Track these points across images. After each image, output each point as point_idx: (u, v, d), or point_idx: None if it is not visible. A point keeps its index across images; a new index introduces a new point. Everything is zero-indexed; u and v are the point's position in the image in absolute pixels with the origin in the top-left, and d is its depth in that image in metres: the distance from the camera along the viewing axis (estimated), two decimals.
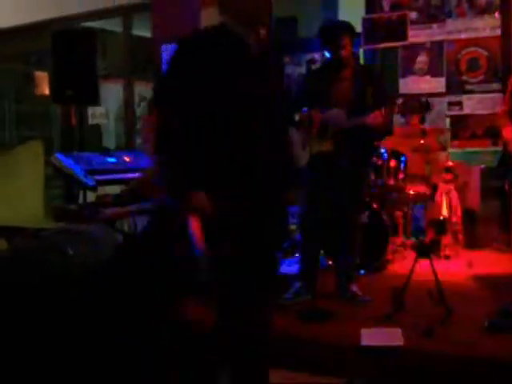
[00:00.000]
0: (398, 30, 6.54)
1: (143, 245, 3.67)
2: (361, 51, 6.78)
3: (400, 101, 6.35)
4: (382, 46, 6.71)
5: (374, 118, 4.00)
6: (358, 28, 6.57)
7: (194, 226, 2.53)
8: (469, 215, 5.85)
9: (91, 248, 2.97)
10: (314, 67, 4.21)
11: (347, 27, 4.24)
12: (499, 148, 5.84)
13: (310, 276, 4.30)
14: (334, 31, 4.23)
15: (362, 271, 4.84)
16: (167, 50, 6.43)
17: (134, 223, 5.14)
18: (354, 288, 4.27)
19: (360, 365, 3.29)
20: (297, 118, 4.28)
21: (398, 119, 6.10)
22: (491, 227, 6.19)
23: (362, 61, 6.79)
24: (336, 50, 4.17)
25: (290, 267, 5.40)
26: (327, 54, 4.27)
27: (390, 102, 4.24)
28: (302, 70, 6.65)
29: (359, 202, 4.48)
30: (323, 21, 4.56)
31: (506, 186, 4.22)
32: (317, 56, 6.22)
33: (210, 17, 6.34)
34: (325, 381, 3.27)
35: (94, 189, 4.66)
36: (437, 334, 3.45)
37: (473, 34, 6.23)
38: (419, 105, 5.80)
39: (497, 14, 6.13)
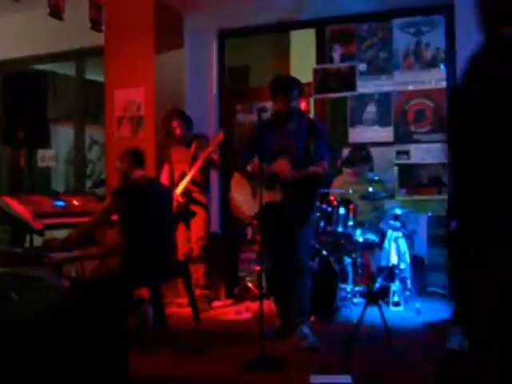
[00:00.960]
0: (347, 80, 6.70)
1: (90, 291, 3.60)
2: (311, 100, 6.92)
3: (346, 152, 6.47)
4: (332, 95, 6.86)
5: (317, 169, 4.22)
6: (309, 78, 6.74)
7: None
8: (417, 262, 5.94)
9: (37, 293, 2.90)
10: (263, 117, 4.33)
11: (296, 81, 4.52)
12: (444, 197, 6.01)
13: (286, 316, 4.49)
14: (284, 85, 4.45)
15: (312, 318, 4.84)
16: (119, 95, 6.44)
17: (82, 268, 5.05)
18: (305, 330, 4.31)
19: None
20: (248, 168, 4.37)
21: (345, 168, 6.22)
22: (439, 274, 6.30)
23: (312, 110, 6.92)
24: (285, 102, 4.39)
25: (239, 314, 5.38)
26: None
27: (328, 155, 4.45)
28: (254, 117, 6.73)
29: (309, 248, 4.59)
30: (275, 72, 4.73)
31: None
32: (267, 105, 6.34)
33: (163, 62, 6.40)
34: None
35: (41, 232, 4.58)
36: (386, 381, 3.45)
37: (419, 86, 6.44)
38: (361, 157, 5.92)
39: (442, 67, 6.36)
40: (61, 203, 5.00)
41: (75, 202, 5.10)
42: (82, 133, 7.60)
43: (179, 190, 5.56)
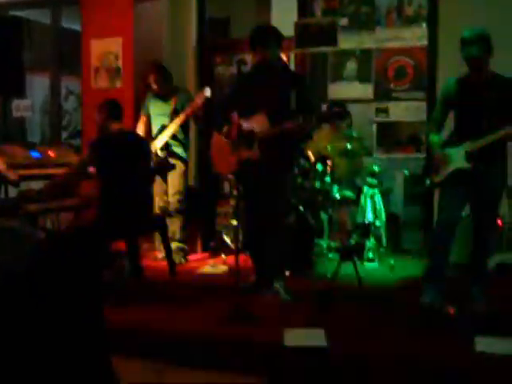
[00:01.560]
0: (328, 35, 6.63)
1: (67, 243, 3.59)
2: (292, 55, 6.85)
3: (324, 108, 6.44)
4: (313, 51, 6.80)
5: (292, 125, 4.13)
6: (290, 32, 6.66)
7: None
8: (392, 220, 5.99)
9: (11, 245, 2.88)
10: (244, 70, 4.28)
11: (275, 31, 4.37)
12: (422, 155, 6.03)
13: (263, 272, 4.47)
14: (262, 34, 4.33)
15: (287, 272, 4.88)
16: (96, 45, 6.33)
17: (57, 219, 5.03)
18: (278, 286, 4.34)
19: (283, 364, 3.31)
20: (225, 128, 4.32)
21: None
22: (413, 232, 6.37)
23: (292, 65, 6.85)
24: (263, 53, 4.28)
25: (215, 268, 5.41)
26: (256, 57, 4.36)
27: (311, 109, 4.35)
28: (234, 69, 6.66)
29: (285, 204, 4.57)
30: (256, 24, 4.61)
31: (428, 182, 4.25)
32: (247, 57, 6.26)
33: (142, 13, 6.27)
34: (247, 380, 3.28)
35: (16, 184, 4.53)
36: (359, 335, 3.51)
37: (401, 44, 6.39)
38: (337, 112, 5.89)
39: (424, 25, 6.31)
40: (36, 154, 4.95)
41: (51, 154, 5.05)
42: (58, 83, 7.46)
43: (159, 143, 5.52)
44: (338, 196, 5.43)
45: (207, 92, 5.37)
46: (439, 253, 4.13)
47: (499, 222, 5.19)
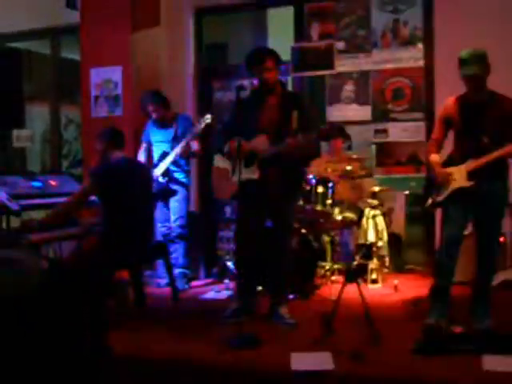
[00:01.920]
0: (325, 59, 6.68)
1: (69, 271, 3.58)
2: (290, 79, 6.89)
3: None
4: (310, 74, 6.84)
5: (291, 142, 4.10)
6: (287, 56, 6.71)
7: None
8: (394, 240, 5.98)
9: (14, 274, 2.87)
10: (242, 95, 4.29)
11: (270, 51, 4.37)
12: (422, 174, 6.03)
13: (247, 297, 4.38)
14: (258, 55, 4.32)
15: (291, 296, 4.87)
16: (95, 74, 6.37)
17: (60, 248, 5.03)
18: (283, 311, 4.31)
19: None
20: (226, 148, 4.32)
21: (323, 146, 6.20)
22: (416, 251, 6.37)
23: (290, 88, 6.89)
24: (260, 74, 4.26)
25: (218, 293, 5.39)
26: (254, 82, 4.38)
27: (315, 127, 4.29)
28: (232, 95, 6.69)
29: (289, 227, 4.51)
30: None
31: (430, 201, 4.27)
32: (246, 82, 6.29)
33: (140, 40, 6.32)
34: None
35: (17, 214, 4.53)
36: (366, 357, 3.48)
37: (397, 65, 6.44)
38: (334, 130, 5.89)
39: (420, 46, 6.36)
40: (37, 184, 4.96)
41: (52, 183, 5.06)
42: (58, 112, 7.51)
43: (160, 170, 5.53)
44: (339, 218, 5.43)
45: (208, 118, 5.41)
46: (444, 271, 4.13)
47: (502, 239, 5.19)
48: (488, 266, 4.15)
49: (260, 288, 5.02)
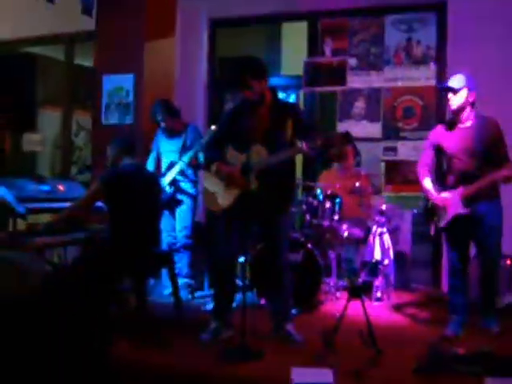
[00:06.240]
0: (337, 74, 6.70)
1: (73, 276, 3.58)
2: (301, 94, 6.91)
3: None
4: (322, 89, 6.86)
5: (291, 151, 4.07)
6: (300, 70, 6.74)
7: None
8: (400, 258, 5.96)
9: (17, 277, 2.88)
10: (233, 106, 4.25)
11: (244, 69, 4.12)
12: None
13: (225, 314, 4.29)
14: (233, 77, 4.27)
15: (294, 311, 4.84)
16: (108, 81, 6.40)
17: (65, 253, 5.03)
18: (289, 327, 4.24)
19: None
20: (214, 167, 4.22)
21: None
22: (422, 270, 6.34)
23: (302, 102, 6.91)
24: (242, 93, 4.16)
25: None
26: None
27: (313, 127, 4.29)
28: None
29: (285, 241, 4.36)
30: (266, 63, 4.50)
31: (432, 231, 4.52)
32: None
33: (154, 49, 6.36)
34: None
35: (24, 217, 4.54)
36: (367, 375, 3.46)
37: (409, 83, 6.45)
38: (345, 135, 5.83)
39: (432, 65, 6.37)
40: (46, 188, 4.97)
41: (60, 187, 5.07)
42: (70, 118, 7.54)
43: (167, 179, 5.54)
44: (346, 234, 5.41)
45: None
46: (457, 290, 4.40)
47: (509, 261, 5.19)
48: (492, 285, 4.38)
49: (263, 303, 5.01)
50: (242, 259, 4.94)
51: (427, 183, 4.47)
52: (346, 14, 6.67)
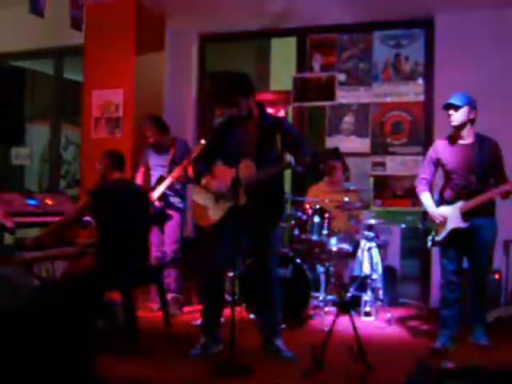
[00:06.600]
0: (326, 90, 6.73)
1: (60, 291, 3.56)
2: (290, 108, 6.93)
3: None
4: (311, 104, 6.89)
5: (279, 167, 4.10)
6: (289, 86, 6.77)
7: None
8: (389, 273, 5.97)
9: (5, 291, 2.85)
10: (222, 120, 4.26)
11: (235, 86, 4.13)
12: (419, 209, 6.04)
13: (214, 329, 4.25)
14: (224, 91, 4.23)
15: (283, 325, 4.82)
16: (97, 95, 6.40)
17: (53, 268, 4.99)
18: (278, 342, 4.22)
19: None
20: (204, 182, 4.23)
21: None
22: (411, 285, 6.36)
23: (290, 117, 6.93)
24: (226, 111, 4.22)
25: None
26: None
27: (304, 142, 4.23)
28: None
29: (275, 255, 4.34)
30: (255, 78, 4.52)
31: (429, 244, 4.58)
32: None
33: (143, 64, 6.37)
34: None
35: (12, 231, 4.51)
36: None
37: (397, 99, 6.49)
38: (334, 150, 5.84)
39: (420, 81, 6.42)
40: (33, 202, 4.94)
41: (48, 202, 5.04)
42: (58, 132, 7.52)
43: (156, 194, 5.53)
44: (334, 248, 5.41)
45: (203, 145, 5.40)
46: (449, 304, 4.45)
47: (497, 276, 5.23)
48: (482, 298, 4.47)
49: (252, 317, 5.00)
50: (231, 273, 4.93)
51: (426, 197, 4.56)
52: (335, 30, 6.72)
